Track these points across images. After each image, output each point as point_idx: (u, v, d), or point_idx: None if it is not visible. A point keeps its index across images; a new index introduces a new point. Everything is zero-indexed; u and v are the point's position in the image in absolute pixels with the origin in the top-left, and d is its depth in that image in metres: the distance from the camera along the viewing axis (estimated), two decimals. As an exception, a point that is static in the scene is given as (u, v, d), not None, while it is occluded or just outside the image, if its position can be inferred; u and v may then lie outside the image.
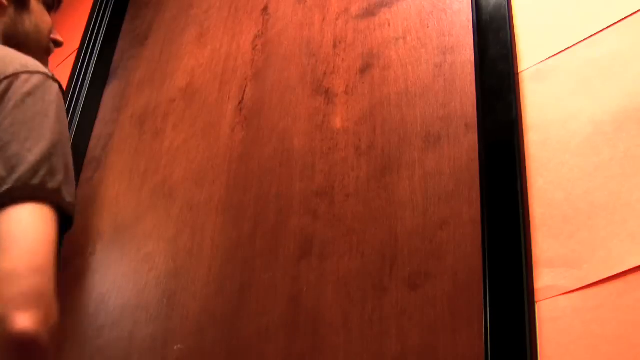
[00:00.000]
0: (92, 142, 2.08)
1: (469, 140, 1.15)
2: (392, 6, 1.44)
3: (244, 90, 1.65)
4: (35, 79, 1.02)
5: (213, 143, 1.64)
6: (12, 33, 1.25)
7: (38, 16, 1.30)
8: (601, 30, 1.05)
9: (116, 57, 2.25)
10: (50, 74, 1.06)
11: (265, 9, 1.76)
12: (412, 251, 1.14)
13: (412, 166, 1.22)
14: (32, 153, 0.94)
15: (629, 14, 1.03)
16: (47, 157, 0.95)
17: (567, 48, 1.08)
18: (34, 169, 0.93)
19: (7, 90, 0.99)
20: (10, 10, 1.26)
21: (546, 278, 0.94)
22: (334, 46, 1.50)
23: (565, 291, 0.92)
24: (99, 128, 2.10)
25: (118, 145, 1.96)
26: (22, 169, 0.92)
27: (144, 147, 1.85)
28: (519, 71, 1.12)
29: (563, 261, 0.94)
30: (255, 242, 1.39)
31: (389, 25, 1.42)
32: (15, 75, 1.01)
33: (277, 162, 1.46)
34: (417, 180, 1.20)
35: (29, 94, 0.99)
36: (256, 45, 1.71)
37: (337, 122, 1.39)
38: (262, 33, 1.72)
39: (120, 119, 2.02)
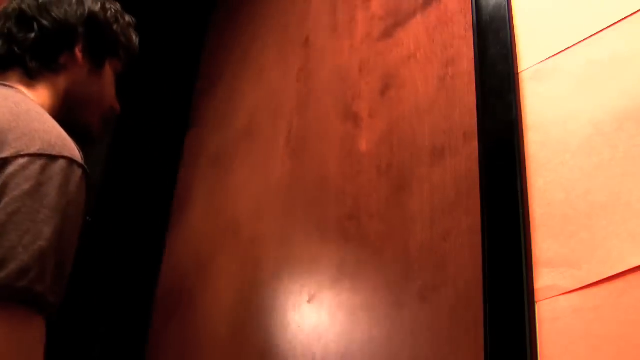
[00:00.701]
0: (179, 185, 2.24)
1: (468, 149, 1.17)
2: (405, 24, 1.47)
3: (291, 123, 1.73)
4: (58, 167, 0.96)
5: (269, 176, 1.72)
6: (76, 92, 1.21)
7: (107, 82, 1.27)
8: (601, 30, 1.05)
9: (194, 102, 2.39)
10: (75, 158, 1.00)
11: (307, 40, 1.83)
12: (422, 265, 1.17)
13: (422, 181, 1.25)
14: (27, 251, 0.90)
15: (629, 14, 1.03)
16: (41, 258, 0.91)
17: (567, 48, 1.08)
18: (24, 271, 0.89)
19: (25, 168, 0.94)
20: (83, 70, 1.22)
21: (546, 278, 0.94)
22: (360, 70, 1.55)
23: (565, 291, 0.92)
24: (183, 172, 2.24)
25: (198, 186, 2.09)
26: (12, 267, 0.89)
27: (217, 186, 1.96)
28: (519, 71, 1.12)
29: (563, 261, 0.94)
30: (303, 272, 1.46)
31: (402, 44, 1.46)
32: (38, 157, 0.95)
33: (317, 189, 1.52)
34: (425, 194, 1.23)
35: (43, 183, 0.94)
36: (300, 78, 1.78)
37: (363, 145, 1.44)
38: (304, 65, 1.79)
39: (198, 162, 2.16)
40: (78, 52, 1.21)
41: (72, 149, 1.01)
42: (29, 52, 1.17)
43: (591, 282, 0.90)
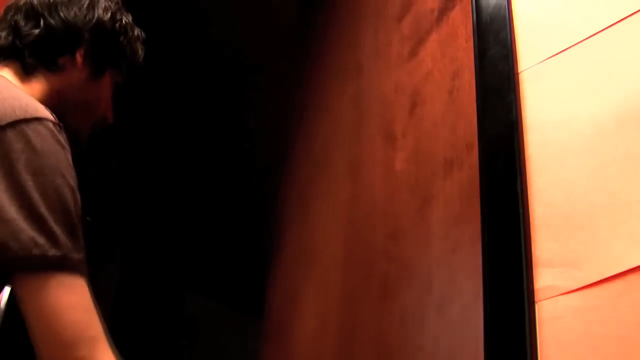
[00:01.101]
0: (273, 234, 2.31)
1: (470, 159, 1.18)
2: (426, 42, 1.49)
3: (350, 148, 1.79)
4: (32, 130, 0.98)
5: (335, 203, 1.78)
6: (70, 95, 1.20)
7: (104, 91, 1.26)
8: (601, 30, 1.05)
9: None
10: (45, 117, 1.02)
11: (359, 66, 1.86)
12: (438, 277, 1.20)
13: (438, 194, 1.27)
14: (28, 221, 0.93)
15: (629, 14, 1.03)
16: (43, 222, 0.94)
17: (567, 48, 1.08)
18: (33, 240, 0.92)
19: (2, 141, 0.96)
20: (81, 75, 1.21)
21: (546, 278, 0.94)
22: (395, 91, 1.58)
23: (565, 291, 0.92)
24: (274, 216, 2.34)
25: (288, 227, 2.16)
26: (21, 240, 0.91)
27: (303, 221, 2.03)
28: (519, 71, 1.12)
29: (563, 261, 0.94)
30: (356, 292, 1.52)
31: (423, 61, 1.48)
32: (12, 125, 0.97)
33: (366, 213, 1.56)
34: (440, 207, 1.26)
35: (24, 150, 0.96)
36: (354, 103, 1.83)
37: (397, 165, 1.47)
38: (356, 91, 1.83)
39: (288, 202, 2.25)
40: (79, 57, 1.21)
41: (42, 110, 1.03)
42: (28, 47, 1.17)
43: (591, 282, 0.90)
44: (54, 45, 1.19)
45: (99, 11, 1.24)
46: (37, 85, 1.17)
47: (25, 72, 1.16)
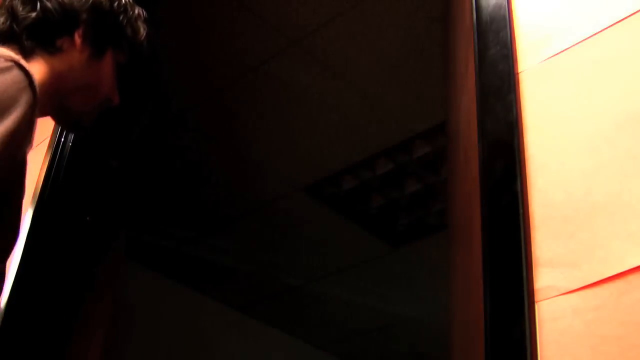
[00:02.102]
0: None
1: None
2: None
3: None
4: None
5: None
6: (71, 77, 1.20)
7: (106, 72, 1.24)
8: (601, 30, 1.05)
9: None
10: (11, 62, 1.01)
11: None
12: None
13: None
14: None
15: (629, 14, 1.03)
16: None
17: (567, 48, 1.08)
18: None
19: None
20: (82, 56, 1.21)
21: (546, 278, 0.94)
22: None
23: (565, 291, 0.92)
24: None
25: None
26: None
27: None
28: (519, 71, 1.12)
29: (563, 261, 0.94)
30: None
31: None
32: None
33: None
34: None
35: None
36: None
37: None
38: None
39: None
40: (77, 38, 1.20)
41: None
42: (26, 30, 1.17)
43: (591, 282, 0.90)
44: (51, 27, 1.18)
45: None
46: (37, 67, 1.16)
47: (24, 55, 1.15)
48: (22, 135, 1.00)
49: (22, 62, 1.04)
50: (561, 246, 0.95)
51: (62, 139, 1.83)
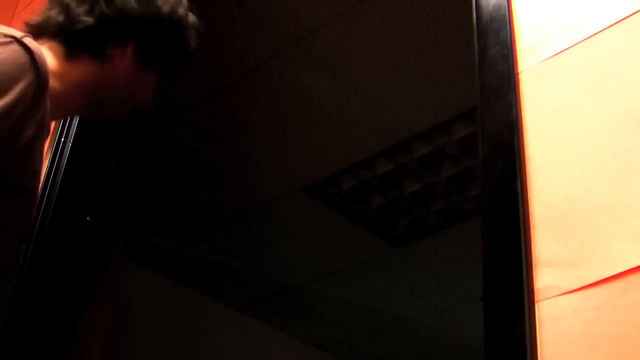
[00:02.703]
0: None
1: None
2: None
3: None
4: None
5: None
6: (112, 87, 1.14)
7: (148, 85, 1.19)
8: (601, 30, 1.05)
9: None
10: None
11: None
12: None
13: None
14: None
15: (629, 14, 1.03)
16: None
17: (567, 48, 1.08)
18: None
19: None
20: (129, 66, 1.15)
21: (546, 278, 0.94)
22: None
23: (565, 291, 0.92)
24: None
25: None
26: None
27: None
28: (519, 71, 1.12)
29: (563, 261, 0.94)
30: None
31: None
32: None
33: None
34: None
35: None
36: None
37: None
38: None
39: None
40: (130, 50, 1.14)
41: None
42: (78, 34, 1.10)
43: (591, 282, 0.90)
44: (106, 35, 1.12)
45: (157, 3, 1.16)
46: (80, 70, 1.11)
47: (70, 55, 1.10)
48: (19, 117, 0.93)
49: (27, 39, 0.97)
50: (561, 246, 0.95)
51: (62, 139, 1.83)
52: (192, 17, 1.23)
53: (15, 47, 0.94)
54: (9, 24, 1.09)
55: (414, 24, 2.55)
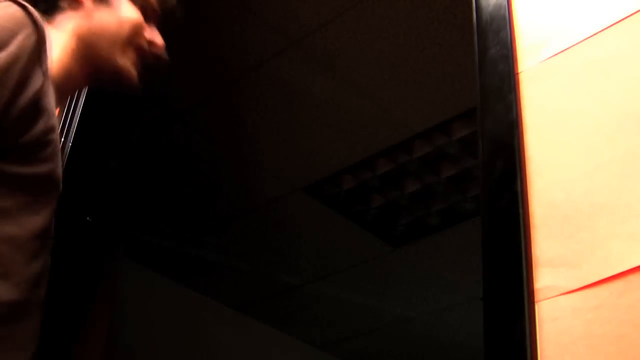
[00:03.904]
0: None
1: None
2: None
3: None
4: None
5: None
6: (87, 33, 1.13)
7: (120, 12, 1.16)
8: (601, 30, 1.05)
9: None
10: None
11: None
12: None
13: None
14: None
15: (629, 14, 1.03)
16: None
17: (567, 48, 1.08)
18: None
19: None
20: (89, 6, 1.14)
21: (546, 278, 0.94)
22: None
23: (565, 291, 0.92)
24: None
25: None
26: None
27: None
28: (519, 71, 1.12)
29: (563, 261, 0.94)
30: None
31: None
32: None
33: None
34: None
35: None
36: None
37: None
38: None
39: None
40: None
41: None
42: None
43: (591, 282, 0.90)
44: None
45: None
46: (64, 30, 1.12)
47: (48, 17, 1.11)
48: (22, 70, 0.93)
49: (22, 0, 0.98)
50: (561, 246, 0.95)
51: (62, 139, 1.83)
52: None
53: (9, 3, 0.96)
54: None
55: (414, 24, 2.55)
